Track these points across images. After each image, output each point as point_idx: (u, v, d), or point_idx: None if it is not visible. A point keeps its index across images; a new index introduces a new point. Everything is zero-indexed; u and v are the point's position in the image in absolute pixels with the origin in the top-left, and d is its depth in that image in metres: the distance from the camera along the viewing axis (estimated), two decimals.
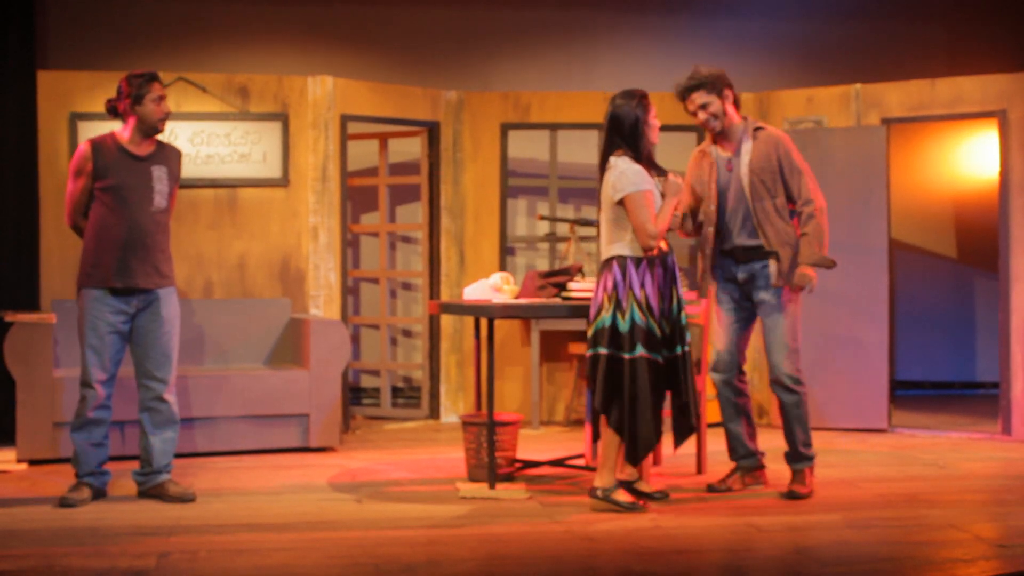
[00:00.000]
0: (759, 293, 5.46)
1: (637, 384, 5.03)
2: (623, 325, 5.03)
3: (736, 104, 5.48)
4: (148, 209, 5.30)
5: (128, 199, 5.26)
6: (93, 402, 5.32)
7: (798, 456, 5.51)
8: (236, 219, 7.29)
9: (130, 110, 5.30)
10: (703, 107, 5.41)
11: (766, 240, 5.40)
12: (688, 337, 5.20)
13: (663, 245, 5.14)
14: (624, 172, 5.05)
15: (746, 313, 5.56)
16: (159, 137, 5.44)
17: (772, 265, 5.42)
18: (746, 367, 5.76)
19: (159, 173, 5.34)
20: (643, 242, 5.03)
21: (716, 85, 5.40)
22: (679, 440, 5.28)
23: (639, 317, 5.03)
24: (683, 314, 5.16)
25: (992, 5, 9.11)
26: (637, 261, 5.07)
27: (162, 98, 5.31)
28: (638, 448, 5.08)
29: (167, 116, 5.35)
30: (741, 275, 5.50)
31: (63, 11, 8.01)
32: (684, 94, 5.44)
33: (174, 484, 5.39)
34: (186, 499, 5.31)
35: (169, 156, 5.43)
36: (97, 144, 5.32)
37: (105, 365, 5.32)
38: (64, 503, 5.21)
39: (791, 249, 5.40)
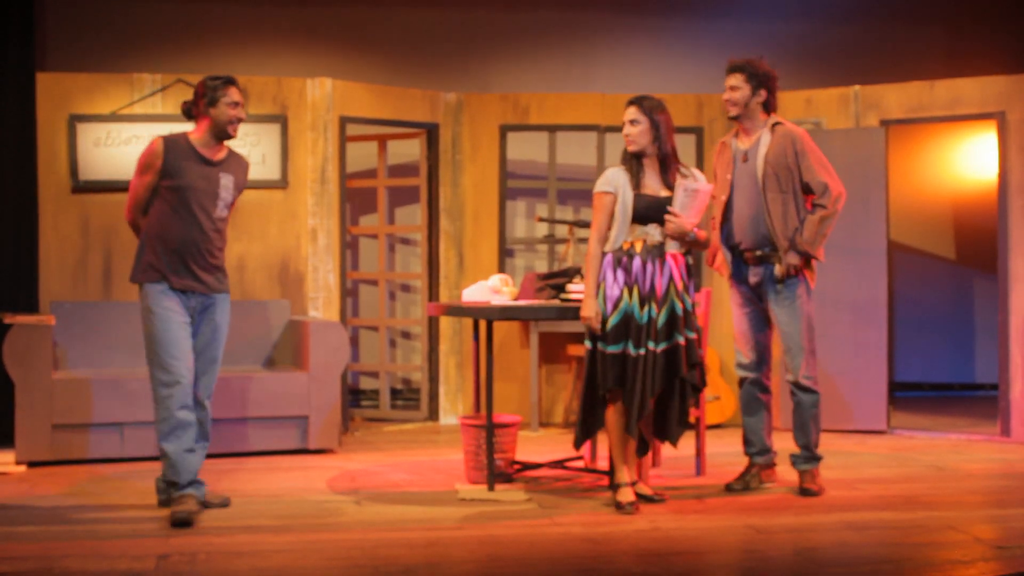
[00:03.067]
0: (770, 297, 5.52)
1: (585, 372, 5.20)
2: None
3: (767, 108, 5.57)
4: (212, 215, 5.15)
5: (193, 202, 5.10)
6: (182, 398, 5.02)
7: (807, 458, 5.55)
8: (235, 221, 7.28)
9: (204, 112, 5.14)
10: (732, 88, 5.55)
11: (773, 233, 5.43)
12: (676, 338, 5.11)
13: (637, 246, 5.14)
14: (604, 172, 5.29)
15: (762, 312, 5.62)
16: (230, 144, 5.29)
17: (777, 267, 5.47)
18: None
19: (226, 181, 5.19)
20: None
21: (756, 79, 5.53)
22: (671, 439, 5.26)
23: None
24: (662, 314, 5.11)
25: (991, 6, 9.11)
26: (611, 257, 5.19)
27: (238, 104, 5.14)
28: (578, 432, 5.24)
29: (239, 121, 5.17)
30: (752, 278, 5.56)
31: (63, 12, 8.01)
32: (728, 70, 5.58)
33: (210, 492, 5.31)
34: (223, 505, 5.24)
35: (238, 166, 5.29)
36: (170, 142, 5.13)
37: (186, 356, 5.05)
38: (177, 521, 4.84)
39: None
